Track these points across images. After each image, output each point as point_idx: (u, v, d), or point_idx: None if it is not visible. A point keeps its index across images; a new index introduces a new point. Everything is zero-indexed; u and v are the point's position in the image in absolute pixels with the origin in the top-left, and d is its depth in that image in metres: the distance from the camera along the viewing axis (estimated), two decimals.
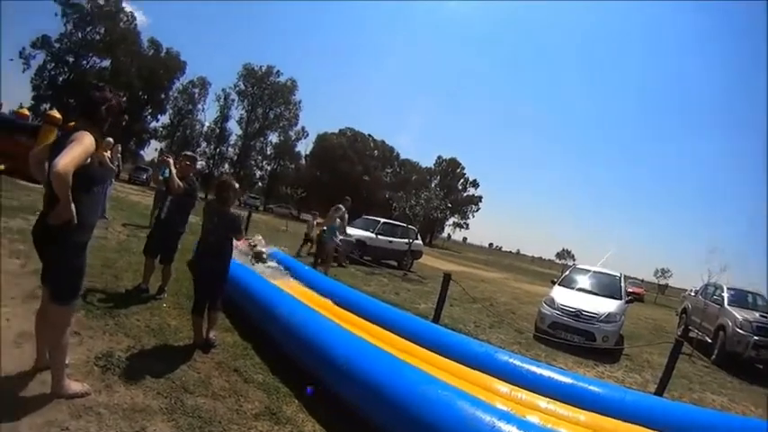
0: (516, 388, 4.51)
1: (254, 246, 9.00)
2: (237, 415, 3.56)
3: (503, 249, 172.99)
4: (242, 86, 68.53)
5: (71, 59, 55.59)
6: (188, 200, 6.32)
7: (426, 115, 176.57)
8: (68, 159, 2.66)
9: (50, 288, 3.12)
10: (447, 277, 8.94)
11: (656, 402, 4.84)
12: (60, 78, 55.16)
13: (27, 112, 19.58)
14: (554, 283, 11.78)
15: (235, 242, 5.44)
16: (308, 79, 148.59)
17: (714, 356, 10.93)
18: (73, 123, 3.13)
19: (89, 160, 2.91)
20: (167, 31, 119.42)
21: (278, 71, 69.67)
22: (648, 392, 6.53)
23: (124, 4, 58.51)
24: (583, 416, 4.10)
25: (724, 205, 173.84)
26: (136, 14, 60.81)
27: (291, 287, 7.16)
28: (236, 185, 4.99)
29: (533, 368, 4.94)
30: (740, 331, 10.45)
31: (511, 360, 5.11)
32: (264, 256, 8.71)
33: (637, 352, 9.96)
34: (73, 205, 2.78)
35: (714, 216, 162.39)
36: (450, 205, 24.23)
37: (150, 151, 65.07)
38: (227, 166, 71.21)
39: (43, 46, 53.76)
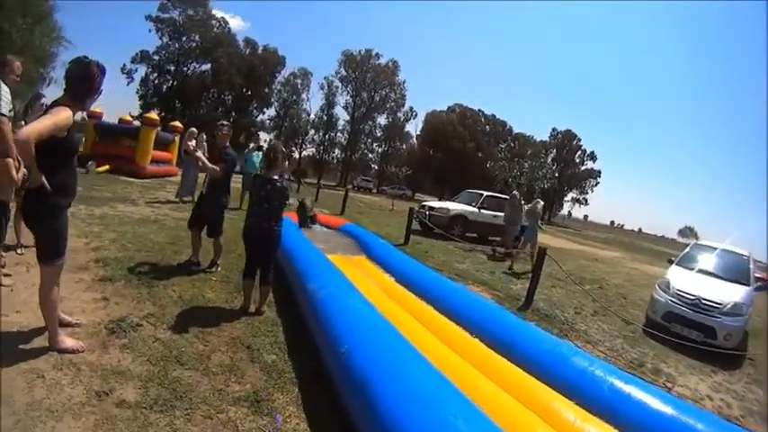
0: (587, 415, 3.28)
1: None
2: (215, 395, 3.28)
3: (624, 227, 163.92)
4: (344, 72, 69.76)
5: (172, 68, 60.57)
6: (227, 171, 6.30)
7: (537, 87, 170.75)
8: (30, 129, 2.87)
9: (36, 248, 3.40)
10: (542, 253, 8.23)
11: None
12: (164, 86, 60.49)
13: (130, 118, 21.37)
14: (671, 262, 10.02)
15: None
16: (412, 59, 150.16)
17: None
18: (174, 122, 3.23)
19: (66, 133, 3.14)
20: (262, 32, 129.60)
21: (377, 53, 70.12)
22: None
23: (214, 11, 62.71)
24: None
25: None
26: (229, 19, 65.98)
27: (355, 263, 6.96)
28: (282, 148, 5.16)
29: (619, 383, 3.50)
30: None
31: (590, 368, 3.71)
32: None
33: (762, 356, 8.02)
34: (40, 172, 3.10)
35: None
36: (557, 175, 22.93)
37: (261, 143, 68.12)
38: (337, 150, 73.81)
39: (143, 60, 59.05)
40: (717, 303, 7.78)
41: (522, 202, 14.04)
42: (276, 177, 5.00)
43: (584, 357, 3.99)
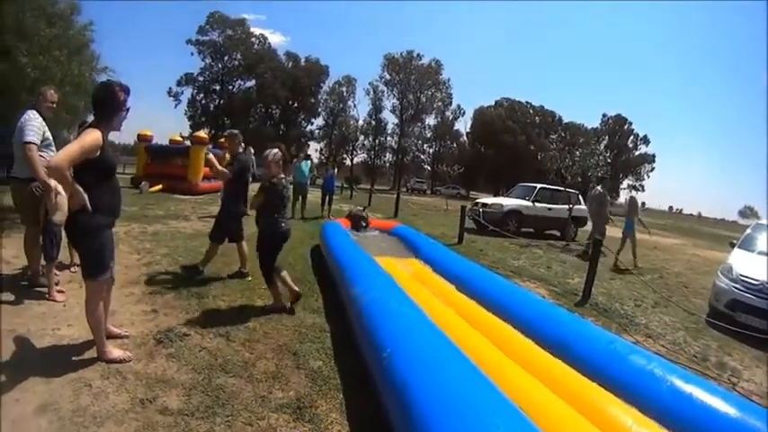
0: (644, 419, 3.00)
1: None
2: (258, 402, 3.27)
3: (683, 212, 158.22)
4: (387, 76, 70.09)
5: (217, 87, 63.62)
6: (240, 178, 6.41)
7: (585, 72, 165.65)
8: (61, 156, 3.07)
9: (80, 265, 3.57)
10: (597, 244, 7.99)
11: None
12: (211, 105, 63.79)
13: (180, 138, 21.76)
14: (733, 245, 9.36)
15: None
16: (455, 56, 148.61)
17: None
18: (222, 139, 3.43)
19: (98, 153, 3.27)
20: (303, 44, 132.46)
21: (419, 54, 70.12)
22: None
23: (252, 29, 65.63)
24: None
25: None
26: (268, 35, 69.05)
27: (408, 266, 6.86)
28: (275, 151, 5.23)
29: (679, 382, 3.19)
30: None
31: (649, 366, 3.41)
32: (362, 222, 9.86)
33: None
34: (84, 192, 3.23)
35: None
36: (609, 161, 22.33)
37: (311, 152, 68.98)
38: (388, 155, 74.18)
39: (188, 82, 62.52)
40: None
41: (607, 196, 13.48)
42: (275, 180, 5.14)
43: (642, 355, 3.71)
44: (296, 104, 66.13)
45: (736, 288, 7.47)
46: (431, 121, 73.77)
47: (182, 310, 4.84)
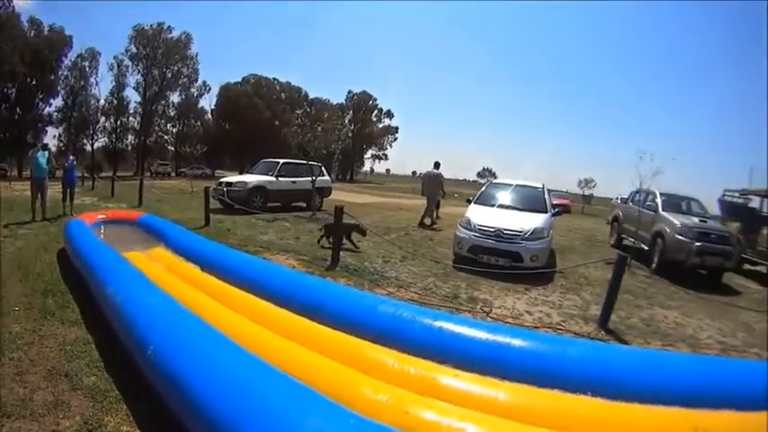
0: (406, 357, 3.49)
1: None
2: None
3: None
4: (134, 50, 64.20)
5: None
6: None
7: (328, 50, 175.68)
8: None
9: None
10: (338, 211, 8.56)
11: (610, 354, 3.62)
12: None
13: None
14: (470, 201, 10.97)
15: None
16: (205, 31, 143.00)
17: (654, 265, 10.84)
18: None
19: None
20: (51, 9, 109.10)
21: (169, 27, 65.50)
22: (598, 338, 5.83)
23: None
24: (503, 392, 3.09)
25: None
26: None
27: (157, 256, 6.86)
28: None
29: (428, 321, 3.82)
30: (681, 238, 10.19)
31: (398, 312, 3.99)
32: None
33: (572, 267, 9.38)
34: None
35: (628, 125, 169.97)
36: (350, 134, 23.68)
37: (49, 139, 58.56)
38: (130, 137, 67.82)
39: None
40: (518, 231, 8.77)
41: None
42: None
43: (391, 304, 4.29)
44: (34, 82, 55.10)
45: (475, 236, 8.99)
46: (175, 98, 69.40)
47: None
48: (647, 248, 11.56)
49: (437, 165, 15.54)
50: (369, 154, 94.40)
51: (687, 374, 3.17)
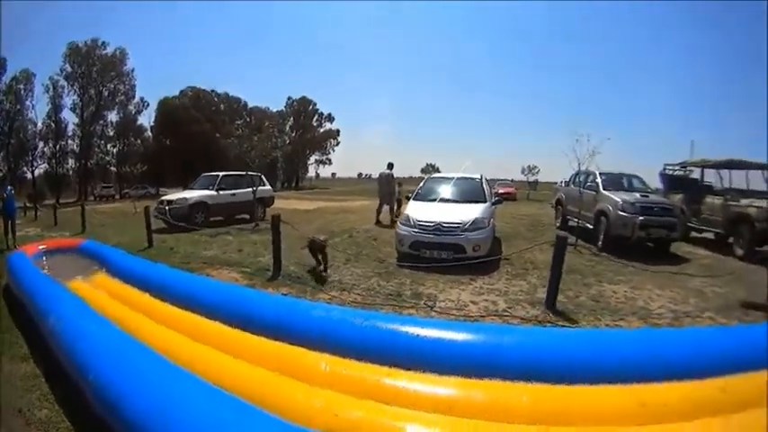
0: (347, 362, 3.45)
1: None
2: None
3: (372, 176, 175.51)
4: (69, 68, 61.83)
5: None
6: None
7: (268, 59, 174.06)
8: None
9: None
10: (275, 221, 8.46)
11: (546, 337, 3.66)
12: None
13: None
14: (408, 198, 10.99)
15: None
16: (140, 45, 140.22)
17: (600, 243, 11.01)
18: None
19: None
20: None
21: (103, 42, 63.40)
22: (547, 320, 5.89)
23: None
24: (439, 386, 3.03)
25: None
26: None
27: (99, 282, 6.70)
28: None
29: (370, 322, 3.79)
30: (623, 214, 10.42)
31: (332, 316, 4.11)
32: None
33: (517, 254, 9.34)
34: None
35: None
36: (287, 141, 23.70)
37: None
38: (71, 161, 65.43)
39: None
40: (457, 223, 8.73)
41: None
42: None
43: (322, 308, 4.54)
44: None
45: (415, 232, 8.92)
46: (113, 117, 67.29)
47: None
48: (591, 227, 11.78)
49: (390, 165, 15.74)
50: (312, 159, 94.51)
51: (625, 350, 3.18)
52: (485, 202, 9.90)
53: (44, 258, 8.03)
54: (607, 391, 2.83)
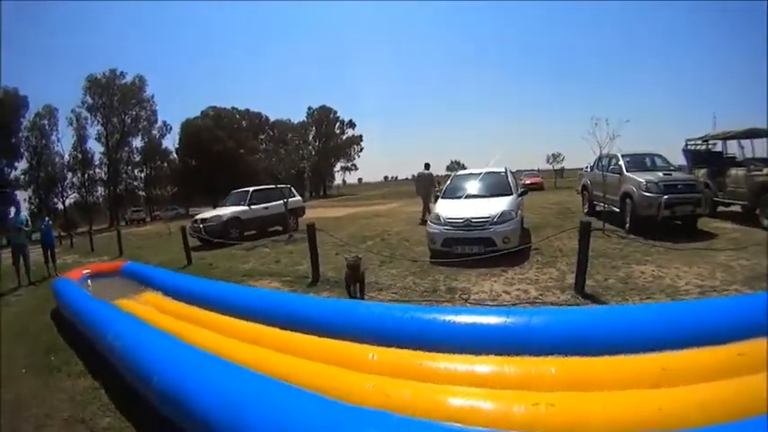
0: (383, 349, 3.73)
1: None
2: None
3: (398, 179, 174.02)
4: (90, 100, 63.98)
5: None
6: None
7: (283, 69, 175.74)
8: None
9: None
10: (311, 229, 8.73)
11: (571, 316, 3.95)
12: None
13: None
14: (437, 197, 11.21)
15: None
16: (161, 70, 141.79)
17: (627, 225, 11.06)
18: None
19: None
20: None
21: (122, 72, 65.64)
22: (576, 303, 6.07)
23: None
24: (477, 365, 3.27)
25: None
26: None
27: (144, 301, 6.85)
28: None
29: (398, 314, 4.17)
30: (647, 194, 10.46)
31: (384, 313, 4.35)
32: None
33: (546, 243, 9.52)
34: None
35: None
36: (313, 152, 23.85)
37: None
38: (100, 188, 67.46)
39: None
40: (486, 217, 8.92)
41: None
42: None
43: (365, 306, 4.89)
44: None
45: (446, 229, 9.12)
46: (138, 143, 69.19)
47: None
48: (618, 210, 11.83)
49: (427, 166, 16.36)
50: (338, 167, 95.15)
51: (647, 322, 3.42)
52: (511, 194, 10.12)
53: (89, 282, 8.42)
54: (630, 360, 3.05)
